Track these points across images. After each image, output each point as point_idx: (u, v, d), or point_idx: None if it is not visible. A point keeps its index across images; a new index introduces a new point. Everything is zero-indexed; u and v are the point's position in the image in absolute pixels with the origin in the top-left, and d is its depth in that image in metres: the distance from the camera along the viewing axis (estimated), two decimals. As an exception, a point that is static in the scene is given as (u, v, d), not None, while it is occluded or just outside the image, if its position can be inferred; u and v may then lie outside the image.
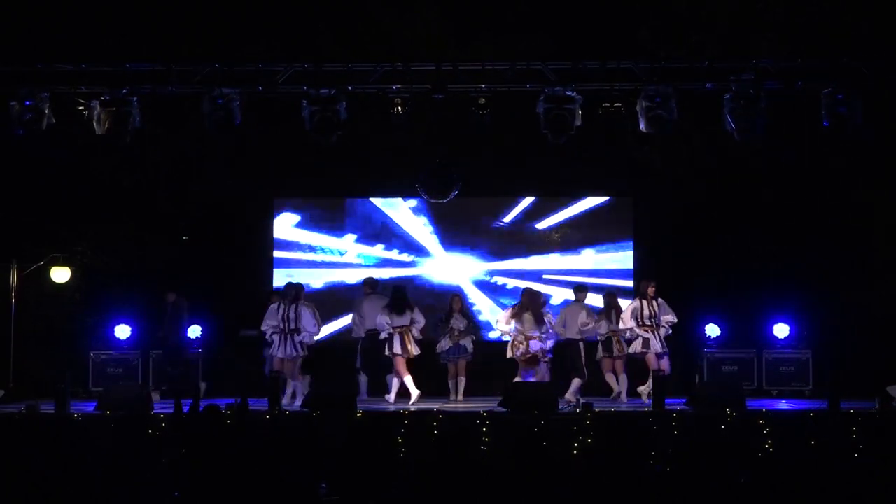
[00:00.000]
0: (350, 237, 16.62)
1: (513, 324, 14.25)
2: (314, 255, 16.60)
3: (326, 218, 16.66)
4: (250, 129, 13.26)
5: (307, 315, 13.95)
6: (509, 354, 14.29)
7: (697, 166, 15.46)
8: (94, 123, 12.80)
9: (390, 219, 16.59)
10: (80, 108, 13.08)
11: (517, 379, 14.04)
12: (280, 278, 16.30)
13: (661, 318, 14.11)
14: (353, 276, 16.54)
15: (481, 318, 16.39)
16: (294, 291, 14.11)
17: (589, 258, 16.50)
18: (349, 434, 10.97)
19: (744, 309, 15.84)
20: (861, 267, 15.50)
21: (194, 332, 15.95)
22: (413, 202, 16.42)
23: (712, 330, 15.76)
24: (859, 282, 15.47)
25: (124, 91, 12.78)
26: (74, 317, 16.12)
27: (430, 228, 16.56)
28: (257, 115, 13.39)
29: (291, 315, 13.90)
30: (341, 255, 16.60)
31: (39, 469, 10.55)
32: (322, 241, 16.61)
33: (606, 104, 13.04)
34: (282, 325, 13.91)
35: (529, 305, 14.25)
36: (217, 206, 16.00)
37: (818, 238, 15.56)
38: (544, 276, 16.49)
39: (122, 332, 15.95)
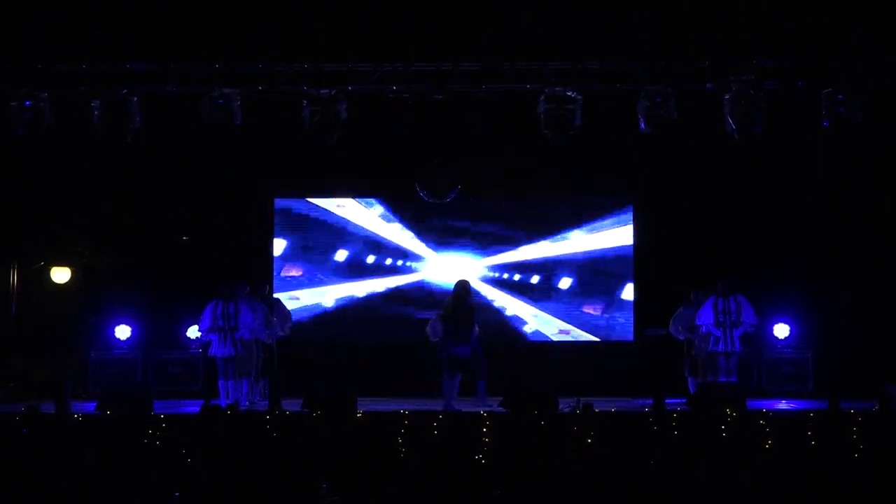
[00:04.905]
0: (350, 237, 16.59)
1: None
2: (314, 255, 16.58)
3: (326, 218, 16.62)
4: (250, 129, 13.25)
5: (244, 310, 13.88)
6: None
7: (697, 166, 15.45)
8: (94, 123, 12.80)
9: (390, 219, 16.56)
10: (80, 108, 13.07)
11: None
12: (280, 278, 16.33)
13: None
14: (352, 277, 16.54)
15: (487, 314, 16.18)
16: (230, 290, 14.01)
17: (588, 259, 16.48)
18: (349, 434, 11.00)
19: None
20: (861, 267, 15.49)
21: (193, 332, 15.93)
22: (413, 202, 16.37)
23: (713, 330, 15.75)
24: (859, 282, 15.46)
25: (124, 91, 12.78)
26: (74, 317, 16.11)
27: (428, 229, 16.54)
28: (257, 115, 13.38)
29: (231, 311, 13.84)
30: (341, 254, 16.58)
31: (39, 469, 10.57)
32: (322, 241, 16.59)
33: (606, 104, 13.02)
34: (220, 323, 13.86)
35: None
36: (217, 205, 15.99)
37: (818, 238, 15.55)
38: (543, 276, 16.49)
39: (122, 332, 15.95)
